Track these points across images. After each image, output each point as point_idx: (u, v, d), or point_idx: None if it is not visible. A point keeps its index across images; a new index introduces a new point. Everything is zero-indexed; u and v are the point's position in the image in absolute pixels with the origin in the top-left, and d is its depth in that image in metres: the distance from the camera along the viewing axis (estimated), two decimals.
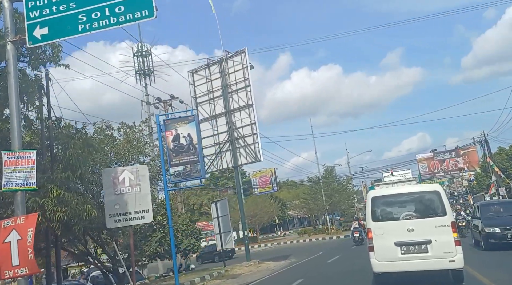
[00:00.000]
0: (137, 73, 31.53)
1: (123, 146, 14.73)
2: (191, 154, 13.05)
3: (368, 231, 8.84)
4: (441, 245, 7.97)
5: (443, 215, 8.23)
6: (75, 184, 9.36)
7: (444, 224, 8.10)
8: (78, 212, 8.60)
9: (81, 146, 9.70)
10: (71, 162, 8.76)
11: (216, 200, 26.55)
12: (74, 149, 8.90)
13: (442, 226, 8.08)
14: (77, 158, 8.83)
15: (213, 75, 23.51)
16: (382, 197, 9.14)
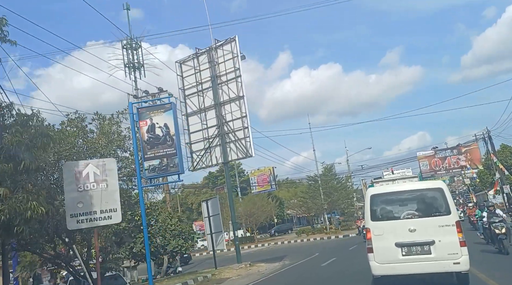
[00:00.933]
0: (126, 67, 30.18)
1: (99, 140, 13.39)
2: (167, 147, 11.66)
3: (367, 231, 8.38)
4: (445, 246, 7.58)
5: (447, 214, 7.79)
6: (19, 178, 7.94)
7: (448, 223, 7.69)
8: (19, 210, 7.20)
9: (35, 136, 8.32)
10: (11, 152, 7.36)
11: (207, 198, 25.26)
12: (16, 137, 7.50)
13: (446, 225, 7.68)
14: (18, 147, 7.43)
15: (202, 65, 22.12)
16: (382, 195, 8.65)
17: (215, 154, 21.33)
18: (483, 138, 42.47)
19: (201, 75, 22.05)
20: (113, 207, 10.24)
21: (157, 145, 11.63)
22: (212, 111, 21.59)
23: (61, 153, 11.48)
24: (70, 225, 9.91)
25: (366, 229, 8.48)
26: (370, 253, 8.12)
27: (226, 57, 21.27)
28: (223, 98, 21.28)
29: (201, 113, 21.93)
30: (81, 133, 12.79)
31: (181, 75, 22.67)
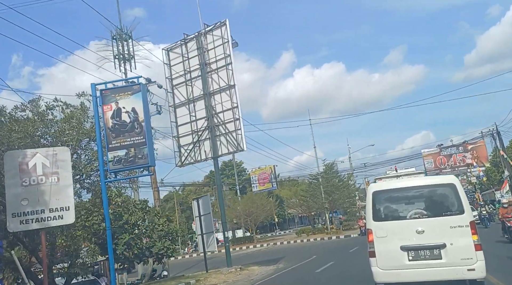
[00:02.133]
0: (115, 58, 28.55)
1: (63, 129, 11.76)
2: (135, 135, 10.00)
3: (369, 233, 7.59)
4: (458, 250, 6.93)
5: (460, 213, 7.08)
6: None
7: (461, 224, 7.00)
8: None
9: None
10: None
11: (197, 196, 23.69)
12: None
13: (459, 226, 7.00)
14: None
15: (190, 52, 20.46)
16: (386, 192, 7.84)
17: (204, 148, 19.69)
18: (491, 134, 40.70)
19: (189, 63, 20.41)
20: (66, 205, 8.64)
21: (123, 133, 9.99)
22: (201, 101, 19.95)
23: (12, 143, 9.84)
24: (12, 226, 8.29)
25: (368, 230, 7.65)
26: (372, 258, 7.39)
27: (216, 43, 19.62)
28: (213, 87, 19.63)
29: (190, 104, 20.29)
30: (40, 120, 11.13)
31: (168, 63, 21.06)
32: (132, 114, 10.09)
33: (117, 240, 19.13)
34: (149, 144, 10.00)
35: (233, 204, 50.11)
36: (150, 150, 10.01)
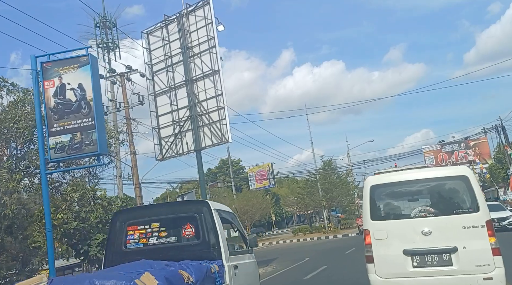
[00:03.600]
0: (99, 47, 26.79)
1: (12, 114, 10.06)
2: (82, 116, 8.25)
3: (366, 234, 6.67)
4: (472, 255, 6.05)
5: (475, 211, 6.19)
6: None
7: (476, 224, 6.11)
8: None
9: None
10: None
11: (182, 193, 22.07)
12: None
13: (473, 227, 6.11)
14: None
15: (171, 35, 18.73)
16: (386, 186, 6.88)
17: (186, 140, 17.96)
18: (495, 129, 38.95)
19: (170, 47, 18.68)
20: None
21: (67, 114, 8.24)
22: (183, 89, 18.22)
23: None
24: None
25: (365, 231, 6.69)
26: (370, 264, 6.47)
27: (199, 24, 17.89)
28: (196, 73, 17.90)
29: (171, 92, 18.57)
30: None
31: (148, 48, 19.31)
32: (78, 91, 8.33)
33: (90, 241, 17.43)
34: (99, 127, 8.25)
35: (227, 202, 48.62)
36: (100, 135, 8.26)
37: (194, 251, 5.51)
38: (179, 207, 6.87)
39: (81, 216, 14.77)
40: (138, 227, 5.87)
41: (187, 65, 18.01)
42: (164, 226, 5.80)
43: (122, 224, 5.95)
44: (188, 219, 5.75)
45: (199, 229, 5.64)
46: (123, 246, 5.80)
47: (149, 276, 4.31)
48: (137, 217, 6.12)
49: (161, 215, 6.00)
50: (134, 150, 21.74)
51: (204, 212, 5.74)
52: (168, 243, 5.72)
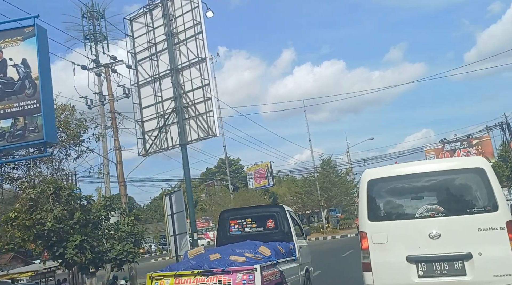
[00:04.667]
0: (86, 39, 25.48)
1: None
2: (27, 98, 6.94)
3: (362, 237, 5.77)
4: (490, 263, 5.02)
5: (493, 210, 5.23)
6: None
7: (494, 225, 5.10)
8: None
9: None
10: None
11: (169, 192, 20.76)
12: None
13: (490, 229, 5.11)
14: None
15: (155, 21, 17.39)
16: (386, 180, 5.98)
17: (170, 134, 16.65)
18: (500, 126, 37.70)
19: (154, 34, 17.35)
20: None
21: (8, 95, 6.94)
22: (168, 79, 16.89)
23: None
24: None
25: (361, 233, 5.80)
26: (367, 273, 5.64)
27: (184, 8, 16.56)
28: (181, 61, 16.58)
29: (155, 83, 17.24)
30: None
31: (131, 35, 18.00)
32: (22, 68, 7.03)
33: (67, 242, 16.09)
34: (46, 111, 6.94)
35: (224, 201, 47.46)
36: (47, 120, 6.95)
37: (274, 236, 8.10)
38: (264, 209, 9.81)
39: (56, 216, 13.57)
40: (237, 221, 8.68)
41: (172, 53, 16.69)
42: (254, 220, 8.53)
43: (227, 219, 8.81)
44: (270, 216, 8.47)
45: (277, 223, 8.34)
46: (228, 233, 8.63)
47: (264, 247, 6.85)
48: (236, 214, 9.06)
49: (252, 214, 8.88)
50: (119, 145, 20.47)
51: (280, 212, 8.51)
52: (257, 231, 8.40)
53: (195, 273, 6.01)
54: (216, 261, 6.32)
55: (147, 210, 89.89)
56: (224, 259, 6.37)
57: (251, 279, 5.70)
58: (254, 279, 5.69)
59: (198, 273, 6.01)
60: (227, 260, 6.28)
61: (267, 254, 6.75)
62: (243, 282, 5.72)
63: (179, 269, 6.34)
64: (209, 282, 5.84)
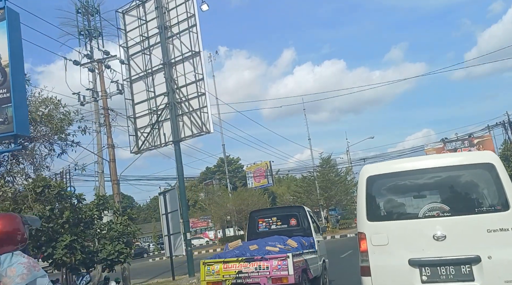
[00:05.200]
0: (80, 35, 24.94)
1: None
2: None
3: (361, 239, 5.27)
4: (500, 267, 4.57)
5: (504, 209, 4.73)
6: None
7: (505, 226, 4.64)
8: None
9: None
10: None
11: (164, 190, 20.22)
12: None
13: (501, 230, 4.65)
14: None
15: (148, 14, 16.89)
16: (387, 177, 5.48)
17: (163, 131, 16.13)
18: (502, 124, 37.13)
19: (147, 27, 16.85)
20: None
21: None
22: (161, 74, 16.37)
23: None
24: None
25: (360, 234, 5.36)
26: (366, 277, 5.16)
27: (178, 0, 16.05)
28: (174, 55, 16.04)
29: (147, 78, 16.72)
30: None
31: (123, 29, 17.46)
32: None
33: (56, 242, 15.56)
34: (16, 101, 6.41)
35: (223, 200, 47.00)
36: (18, 111, 6.42)
37: (296, 232, 9.30)
38: (287, 209, 11.64)
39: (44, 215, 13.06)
40: (264, 219, 9.92)
41: (165, 47, 16.18)
42: (279, 219, 9.79)
43: (255, 218, 10.07)
44: (293, 215, 9.75)
45: (299, 221, 9.59)
46: (257, 229, 9.80)
47: (291, 241, 8.29)
48: (264, 214, 10.53)
49: (277, 213, 10.22)
50: (112, 143, 19.96)
51: (301, 211, 9.86)
52: (282, 228, 9.57)
53: (239, 260, 7.51)
54: (255, 250, 7.88)
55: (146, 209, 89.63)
56: (261, 249, 7.91)
57: (284, 265, 7.16)
58: (287, 265, 7.14)
59: (242, 259, 7.50)
60: (264, 250, 7.81)
61: (294, 246, 8.20)
62: (278, 266, 7.20)
63: (226, 256, 7.82)
64: (251, 267, 7.35)
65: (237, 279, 7.34)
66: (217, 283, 7.52)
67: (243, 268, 7.35)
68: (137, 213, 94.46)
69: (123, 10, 17.64)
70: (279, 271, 7.16)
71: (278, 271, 7.17)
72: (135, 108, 16.96)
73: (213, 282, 7.55)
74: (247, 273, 7.31)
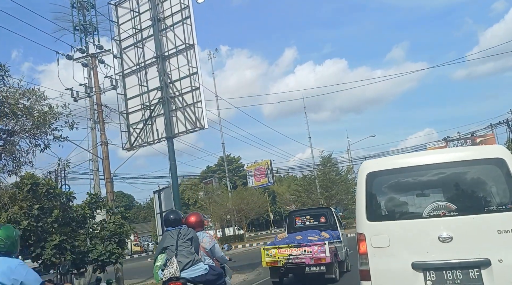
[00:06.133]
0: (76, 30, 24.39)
1: None
2: None
3: (360, 240, 4.92)
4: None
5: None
6: None
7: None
8: None
9: None
10: None
11: (159, 189, 19.67)
12: None
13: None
14: None
15: (141, 6, 16.34)
16: (388, 173, 5.06)
17: (156, 127, 15.57)
18: (506, 123, 36.53)
19: (140, 19, 16.29)
20: None
21: None
22: (154, 68, 15.82)
23: None
24: None
25: (359, 235, 4.99)
26: (366, 282, 4.80)
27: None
28: (168, 48, 15.48)
29: (140, 72, 16.15)
30: None
31: (116, 22, 16.91)
32: None
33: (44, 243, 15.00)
34: None
35: (222, 199, 46.51)
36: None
37: (326, 227, 11.71)
38: (318, 210, 14.39)
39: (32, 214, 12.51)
40: (300, 217, 12.71)
41: (158, 40, 15.60)
42: (311, 217, 12.46)
43: (293, 216, 12.94)
44: (323, 214, 12.47)
45: (327, 218, 12.26)
46: (294, 225, 12.38)
47: (324, 233, 10.74)
48: (300, 214, 13.40)
49: (310, 213, 13.08)
50: (105, 140, 19.43)
51: (329, 211, 12.79)
52: (314, 224, 12.12)
53: (290, 246, 10.07)
54: (300, 239, 10.33)
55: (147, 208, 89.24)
56: (305, 238, 10.39)
57: (323, 249, 9.69)
58: (325, 249, 9.67)
59: (291, 246, 10.05)
60: (307, 239, 10.30)
61: (327, 237, 10.51)
62: (318, 251, 9.69)
63: (280, 244, 10.42)
64: (298, 251, 9.85)
65: (288, 260, 9.86)
66: (274, 263, 10.06)
67: (292, 252, 9.87)
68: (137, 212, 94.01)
69: (116, 2, 17.10)
70: (319, 254, 9.63)
71: (318, 254, 9.63)
72: (127, 103, 16.42)
73: (271, 262, 10.11)
74: (295, 255, 9.82)
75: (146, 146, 16.11)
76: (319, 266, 9.66)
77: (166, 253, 5.07)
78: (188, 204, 67.06)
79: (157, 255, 5.18)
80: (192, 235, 5.15)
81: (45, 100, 9.76)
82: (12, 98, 9.21)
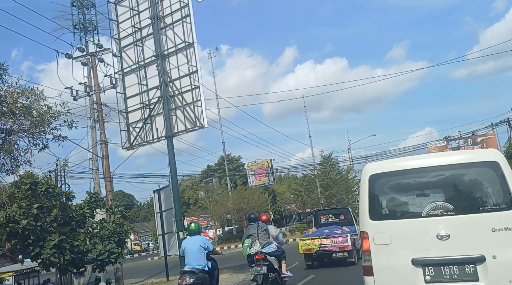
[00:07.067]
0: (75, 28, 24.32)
1: None
2: None
3: (363, 238, 5.18)
4: (505, 267, 4.54)
5: (509, 208, 4.71)
6: None
7: (510, 225, 4.63)
8: None
9: None
10: None
11: (159, 188, 19.61)
12: None
13: (506, 229, 4.66)
14: None
15: (141, 4, 16.28)
16: (390, 175, 5.40)
17: (156, 125, 15.49)
18: (507, 122, 36.41)
19: (139, 18, 16.22)
20: None
21: None
22: (154, 66, 15.74)
23: None
24: None
25: (362, 233, 5.27)
26: (368, 277, 5.06)
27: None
28: (167, 46, 15.40)
29: (140, 70, 16.08)
30: None
31: (115, 20, 16.83)
32: None
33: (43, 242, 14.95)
34: None
35: (222, 199, 46.40)
36: None
37: (345, 223, 13.87)
38: (339, 209, 17.37)
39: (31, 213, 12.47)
40: (323, 215, 15.21)
41: (157, 38, 15.52)
42: (333, 215, 14.85)
43: (318, 214, 15.51)
44: (343, 213, 14.88)
45: (346, 216, 14.50)
46: (319, 222, 14.79)
47: (345, 227, 13.24)
48: (323, 213, 15.95)
49: (332, 212, 15.68)
50: (105, 139, 19.37)
51: (347, 210, 15.09)
52: (335, 221, 14.41)
53: (320, 237, 12.45)
54: (328, 232, 12.68)
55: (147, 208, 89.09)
56: (331, 231, 12.74)
57: (346, 240, 12.04)
58: (347, 240, 12.00)
59: (321, 237, 12.43)
60: (333, 232, 12.67)
61: (347, 230, 12.74)
62: (342, 241, 12.05)
63: (312, 235, 12.90)
64: (327, 241, 12.24)
65: (319, 248, 12.34)
66: (308, 250, 12.56)
67: (322, 242, 12.32)
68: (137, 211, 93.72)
69: (115, 1, 17.04)
70: (343, 243, 12.04)
71: (342, 243, 12.05)
72: (127, 102, 16.34)
73: (306, 250, 12.60)
74: (325, 245, 12.23)
75: (145, 145, 16.05)
76: (343, 252, 12.10)
77: (250, 238, 8.30)
78: (188, 204, 66.80)
79: (244, 239, 8.60)
80: (265, 227, 8.49)
81: (44, 100, 9.70)
82: (10, 97, 9.16)
